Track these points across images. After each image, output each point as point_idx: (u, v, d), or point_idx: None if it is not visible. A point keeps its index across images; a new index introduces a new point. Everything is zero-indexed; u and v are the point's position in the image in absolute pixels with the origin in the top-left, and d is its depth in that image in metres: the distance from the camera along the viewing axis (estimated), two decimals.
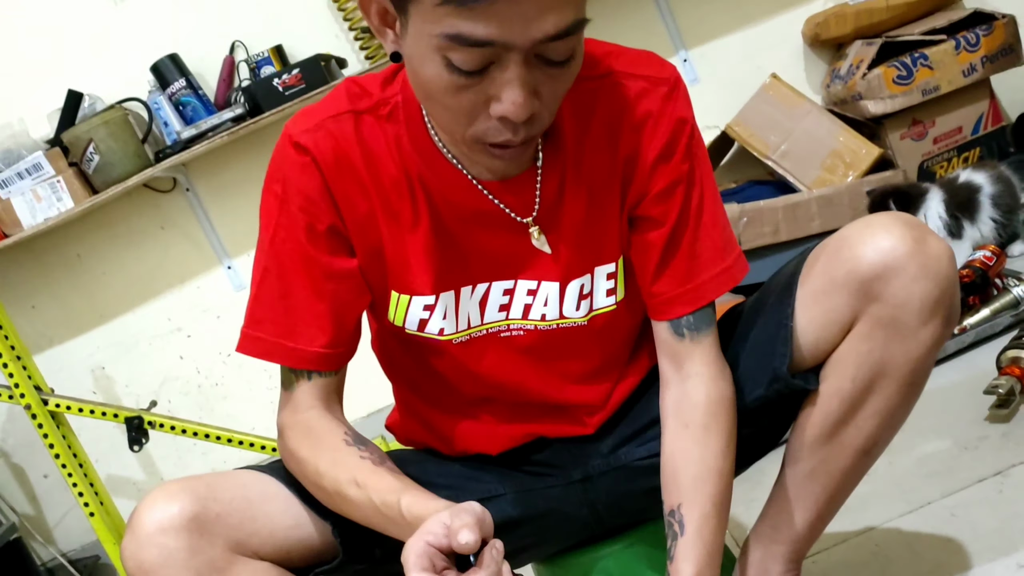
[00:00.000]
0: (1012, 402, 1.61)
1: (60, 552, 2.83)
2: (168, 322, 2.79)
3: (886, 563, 1.42)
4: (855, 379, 1.13)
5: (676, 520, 1.11)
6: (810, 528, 1.24)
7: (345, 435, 1.09)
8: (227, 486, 1.08)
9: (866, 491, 1.58)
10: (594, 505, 1.29)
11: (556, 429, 1.25)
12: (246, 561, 1.06)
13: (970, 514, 1.43)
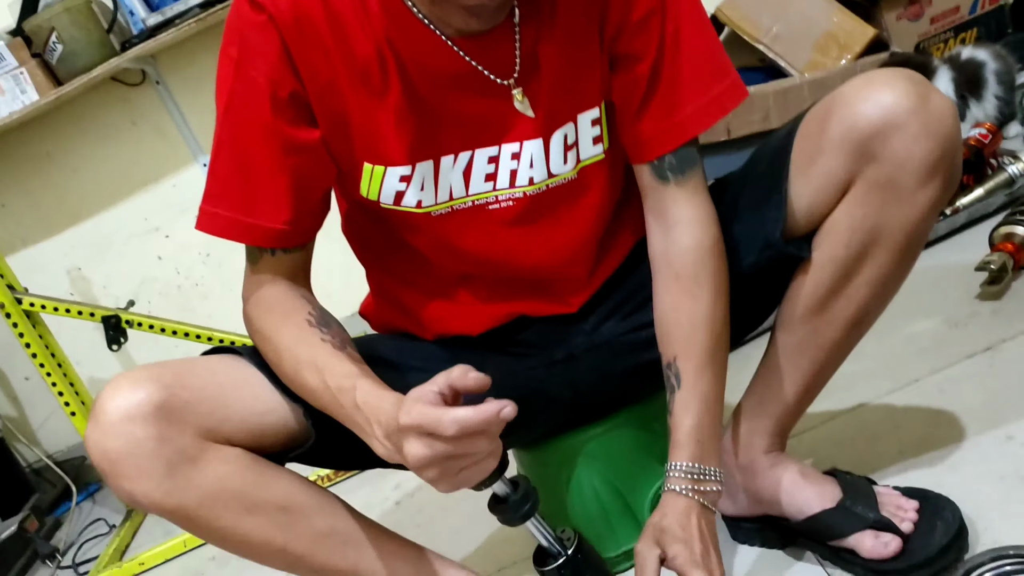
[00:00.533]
0: (1004, 278, 1.57)
1: (46, 454, 2.82)
2: (144, 221, 2.72)
3: (872, 439, 1.39)
4: (848, 246, 1.08)
5: (672, 373, 1.09)
6: (796, 402, 1.21)
7: (309, 314, 1.05)
8: (195, 373, 1.05)
9: (853, 370, 1.56)
10: (576, 386, 1.25)
11: (538, 308, 1.21)
12: (218, 448, 1.03)
13: (959, 389, 1.40)
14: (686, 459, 1.07)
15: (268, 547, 1.06)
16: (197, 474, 1.00)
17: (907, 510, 1.15)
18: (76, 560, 2.34)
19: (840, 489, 1.19)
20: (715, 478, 1.08)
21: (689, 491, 1.06)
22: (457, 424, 0.82)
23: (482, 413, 0.82)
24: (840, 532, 1.16)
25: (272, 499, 1.05)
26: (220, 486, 1.02)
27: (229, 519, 1.03)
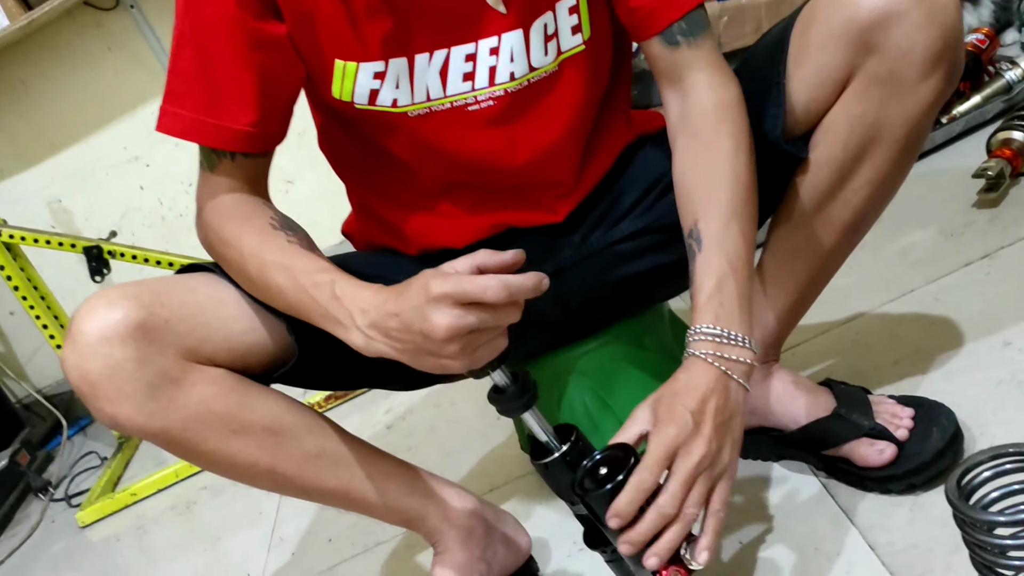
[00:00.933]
0: (1001, 185, 1.54)
1: (35, 388, 2.80)
2: (124, 151, 2.66)
3: (866, 350, 1.37)
4: (847, 145, 1.05)
5: (694, 240, 0.98)
6: (791, 312, 1.19)
7: (272, 218, 1.02)
8: (174, 291, 1.01)
9: (847, 283, 1.54)
10: (566, 302, 1.22)
11: (525, 218, 1.17)
12: (201, 368, 1.00)
13: (955, 298, 1.38)
14: (708, 322, 0.93)
15: (255, 469, 1.04)
16: (180, 396, 0.98)
17: (902, 417, 1.13)
18: (68, 492, 2.33)
19: (834, 398, 1.18)
20: (745, 345, 0.93)
21: (711, 356, 0.92)
22: (507, 288, 0.82)
23: (530, 278, 0.84)
24: (835, 441, 1.14)
25: (259, 420, 1.03)
26: (205, 408, 0.99)
27: (215, 442, 1.00)
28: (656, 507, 0.87)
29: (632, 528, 0.88)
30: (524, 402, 0.92)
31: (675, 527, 0.88)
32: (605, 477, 0.91)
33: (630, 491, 0.87)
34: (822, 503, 1.14)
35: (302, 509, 1.73)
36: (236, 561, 1.68)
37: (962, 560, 0.97)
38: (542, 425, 0.95)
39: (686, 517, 0.88)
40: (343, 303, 0.90)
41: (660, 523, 0.87)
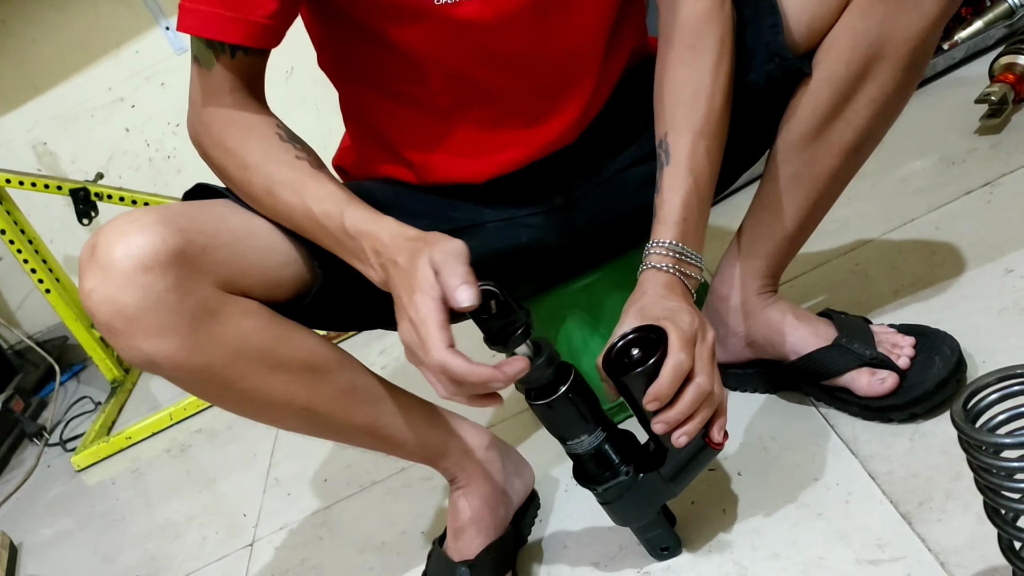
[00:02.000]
0: (1004, 111, 1.51)
1: (26, 335, 2.78)
2: (108, 92, 2.61)
3: (866, 280, 1.35)
4: (849, 63, 1.01)
5: (663, 150, 1.01)
6: (790, 240, 1.17)
7: (278, 128, 0.97)
8: (206, 218, 0.96)
9: (847, 213, 1.52)
10: (575, 234, 1.19)
11: (540, 140, 1.11)
12: (238, 300, 0.95)
13: (956, 226, 1.36)
14: (670, 237, 0.98)
15: (291, 407, 1.01)
16: (220, 329, 0.93)
17: (903, 346, 1.12)
18: (63, 437, 2.33)
19: (834, 328, 1.16)
20: (696, 262, 0.99)
21: (672, 269, 0.97)
22: (442, 370, 0.82)
23: (470, 375, 0.82)
24: (835, 370, 1.13)
25: (296, 355, 0.99)
26: (245, 342, 0.95)
27: (254, 377, 0.96)
28: (696, 386, 0.89)
29: (670, 408, 0.89)
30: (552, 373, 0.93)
31: (706, 406, 0.91)
32: (641, 357, 0.91)
33: (670, 373, 0.87)
34: (822, 434, 1.13)
35: (297, 451, 1.73)
36: (232, 502, 1.68)
37: (962, 488, 0.96)
38: None
39: (716, 397, 0.91)
40: (356, 239, 0.88)
41: (699, 402, 0.89)
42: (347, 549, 1.37)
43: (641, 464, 0.99)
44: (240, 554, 1.50)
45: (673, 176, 0.99)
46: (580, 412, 0.96)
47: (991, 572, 0.87)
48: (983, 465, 0.72)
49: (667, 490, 0.99)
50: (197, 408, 2.08)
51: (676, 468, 0.98)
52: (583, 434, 0.97)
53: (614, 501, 1.00)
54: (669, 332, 0.89)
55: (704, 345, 0.91)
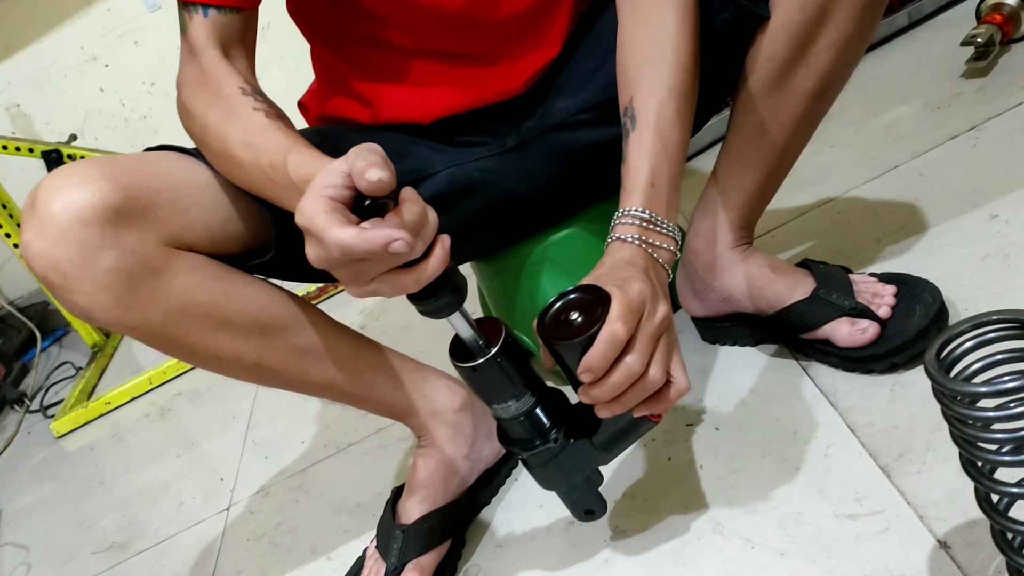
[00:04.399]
0: (990, 53, 1.47)
1: (7, 300, 2.75)
2: (81, 51, 2.55)
3: (848, 229, 1.32)
4: (804, 6, 0.97)
5: (628, 117, 0.92)
6: (761, 189, 1.13)
7: (244, 83, 0.93)
8: (151, 173, 0.93)
9: (828, 162, 1.48)
10: (532, 179, 1.16)
11: (489, 90, 1.09)
12: (183, 256, 0.93)
13: (940, 172, 1.32)
14: (636, 204, 0.88)
15: (240, 363, 0.99)
16: (163, 287, 0.91)
17: (884, 295, 1.09)
18: (44, 403, 2.30)
19: (813, 279, 1.13)
20: (669, 232, 0.89)
21: (637, 239, 0.87)
22: (339, 248, 0.69)
23: (366, 242, 0.69)
24: (814, 322, 1.10)
25: (245, 312, 0.97)
26: (189, 299, 0.93)
27: (198, 335, 0.95)
28: (624, 366, 0.80)
29: (597, 385, 0.81)
30: (453, 301, 0.80)
31: (637, 388, 0.81)
32: (580, 326, 0.81)
33: (603, 345, 0.78)
34: (800, 386, 1.10)
35: (275, 413, 1.70)
36: (210, 465, 1.66)
37: (942, 439, 0.94)
38: (470, 323, 0.84)
39: (651, 380, 0.81)
40: (298, 188, 0.80)
41: (626, 382, 0.80)
42: (323, 511, 1.35)
43: (572, 428, 0.92)
44: (216, 518, 1.48)
45: (640, 141, 0.90)
46: (509, 377, 0.87)
47: (970, 525, 0.85)
48: (958, 416, 0.69)
49: (597, 458, 0.93)
50: (177, 371, 2.05)
51: (609, 437, 0.92)
52: (510, 399, 0.88)
53: (540, 466, 0.93)
54: (613, 299, 0.80)
55: (650, 321, 0.81)
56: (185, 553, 1.43)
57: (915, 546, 0.86)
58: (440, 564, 1.10)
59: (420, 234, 0.72)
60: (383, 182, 0.69)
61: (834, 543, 0.90)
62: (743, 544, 0.95)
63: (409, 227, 0.71)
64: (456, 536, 1.13)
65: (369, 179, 0.69)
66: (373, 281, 0.74)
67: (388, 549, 1.09)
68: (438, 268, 0.74)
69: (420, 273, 0.74)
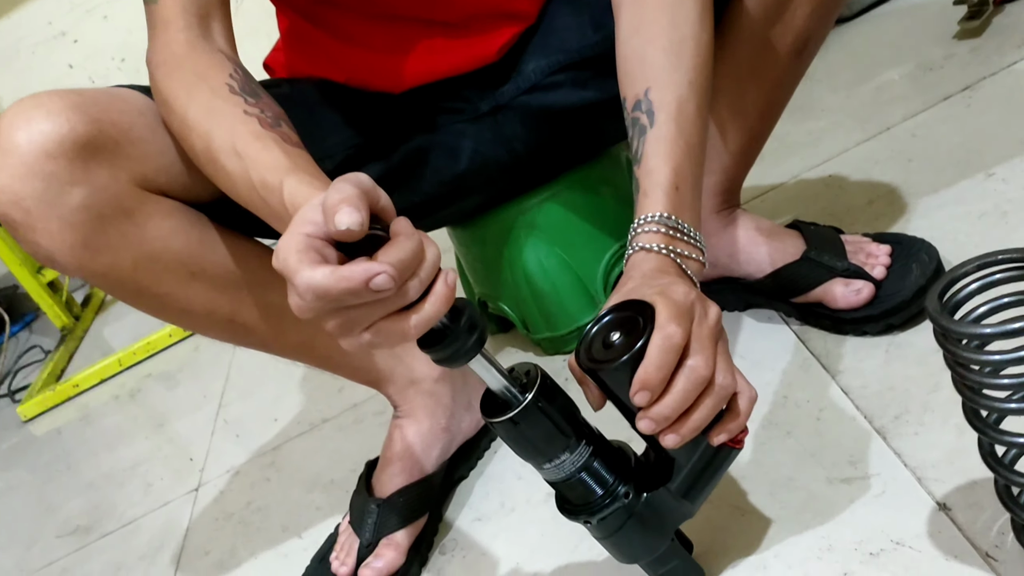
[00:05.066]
0: (984, 12, 1.42)
1: None
2: (49, 26, 2.48)
3: (839, 191, 1.28)
4: None
5: (643, 111, 0.81)
6: (744, 152, 1.09)
7: (231, 76, 0.82)
8: (122, 108, 0.85)
9: (819, 126, 1.44)
10: (511, 143, 1.11)
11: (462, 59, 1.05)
12: (157, 199, 0.87)
13: (934, 133, 1.28)
14: (660, 209, 0.77)
15: (212, 318, 0.93)
16: (134, 230, 0.85)
17: (878, 255, 1.04)
18: (12, 388, 2.24)
19: (803, 240, 1.08)
20: (696, 242, 0.78)
21: (663, 249, 0.76)
22: (311, 291, 0.59)
23: (342, 281, 0.59)
24: (806, 285, 1.05)
25: (221, 263, 0.91)
26: (162, 246, 0.87)
27: (170, 284, 0.89)
28: (688, 370, 0.68)
29: (659, 402, 0.68)
30: (468, 348, 0.67)
31: (706, 399, 0.70)
32: (624, 344, 0.70)
33: (657, 353, 0.67)
34: (792, 350, 1.05)
35: (248, 392, 1.64)
36: (180, 446, 1.60)
37: (941, 399, 0.89)
38: (495, 372, 0.71)
39: (721, 387, 0.70)
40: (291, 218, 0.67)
41: (693, 390, 0.69)
42: (294, 489, 1.30)
43: (643, 481, 0.77)
44: (185, 499, 1.42)
45: (660, 139, 0.79)
46: (555, 424, 0.73)
47: (971, 486, 0.80)
48: (964, 361, 0.64)
49: (681, 509, 0.78)
50: (147, 353, 1.99)
51: (689, 479, 0.76)
52: (563, 452, 0.73)
53: (615, 533, 0.77)
54: (657, 306, 0.69)
55: (704, 323, 0.71)
56: (151, 534, 1.38)
57: (913, 509, 0.81)
58: (416, 540, 1.04)
59: (417, 271, 0.62)
60: (352, 231, 0.59)
61: (828, 508, 0.85)
62: (732, 512, 0.90)
63: (399, 264, 0.60)
64: (433, 511, 1.08)
65: (338, 226, 0.59)
66: (367, 331, 0.63)
67: (362, 524, 1.03)
68: (439, 309, 0.63)
69: (419, 317, 0.63)
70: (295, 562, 1.15)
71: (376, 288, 0.59)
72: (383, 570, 1.00)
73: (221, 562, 1.23)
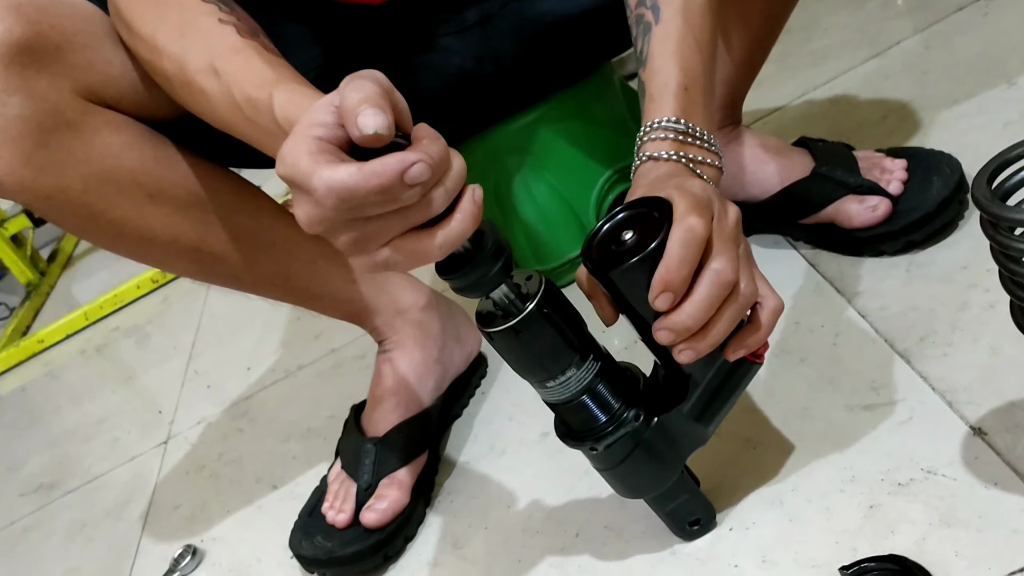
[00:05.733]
0: None
1: None
2: None
3: (848, 109, 1.19)
4: None
5: (648, 7, 0.74)
6: (747, 61, 1.01)
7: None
8: (64, 12, 0.78)
9: (824, 44, 1.35)
10: (498, 59, 1.02)
11: None
12: (104, 111, 0.79)
13: (949, 44, 1.19)
14: (668, 114, 0.70)
15: (176, 246, 0.85)
16: (80, 145, 0.77)
17: (894, 170, 0.96)
18: None
19: (812, 157, 1.00)
20: (711, 146, 0.70)
21: (675, 155, 0.69)
22: (333, 193, 0.52)
23: (372, 177, 0.52)
24: (817, 203, 0.97)
25: (182, 183, 0.84)
26: (113, 163, 0.79)
27: (126, 207, 0.81)
28: (711, 273, 0.60)
29: (680, 308, 0.61)
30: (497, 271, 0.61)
31: (729, 307, 0.62)
32: (640, 242, 0.62)
33: (679, 247, 0.59)
34: (803, 275, 0.97)
35: (220, 341, 1.56)
36: (148, 399, 1.51)
37: (969, 318, 0.81)
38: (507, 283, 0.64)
39: (744, 294, 0.63)
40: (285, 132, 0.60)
41: (718, 296, 0.61)
42: (269, 439, 1.22)
43: (653, 404, 0.70)
44: (153, 453, 1.34)
45: (668, 35, 0.72)
46: (562, 333, 0.65)
47: (1009, 408, 0.73)
48: (1017, 254, 0.56)
49: (694, 434, 0.70)
50: (115, 306, 1.90)
51: (704, 399, 0.69)
52: (568, 368, 0.66)
53: (622, 463, 0.70)
54: (674, 199, 0.62)
55: (724, 221, 0.63)
56: (118, 490, 1.30)
57: (945, 435, 0.74)
58: (418, 479, 0.96)
59: (443, 180, 0.55)
60: (380, 135, 0.52)
61: (849, 437, 0.78)
62: (743, 444, 0.83)
63: (435, 160, 0.53)
64: (432, 449, 1.00)
65: (363, 130, 0.52)
66: (386, 247, 0.56)
67: (358, 466, 0.95)
68: (468, 226, 0.56)
69: (445, 233, 0.56)
70: (271, 514, 1.07)
71: (412, 180, 0.52)
72: (388, 511, 0.91)
73: (191, 516, 1.15)
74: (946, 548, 0.66)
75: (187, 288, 1.81)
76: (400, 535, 0.92)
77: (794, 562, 0.71)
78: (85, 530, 1.25)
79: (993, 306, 0.82)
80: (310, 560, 0.92)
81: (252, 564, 1.02)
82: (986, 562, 0.64)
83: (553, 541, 0.84)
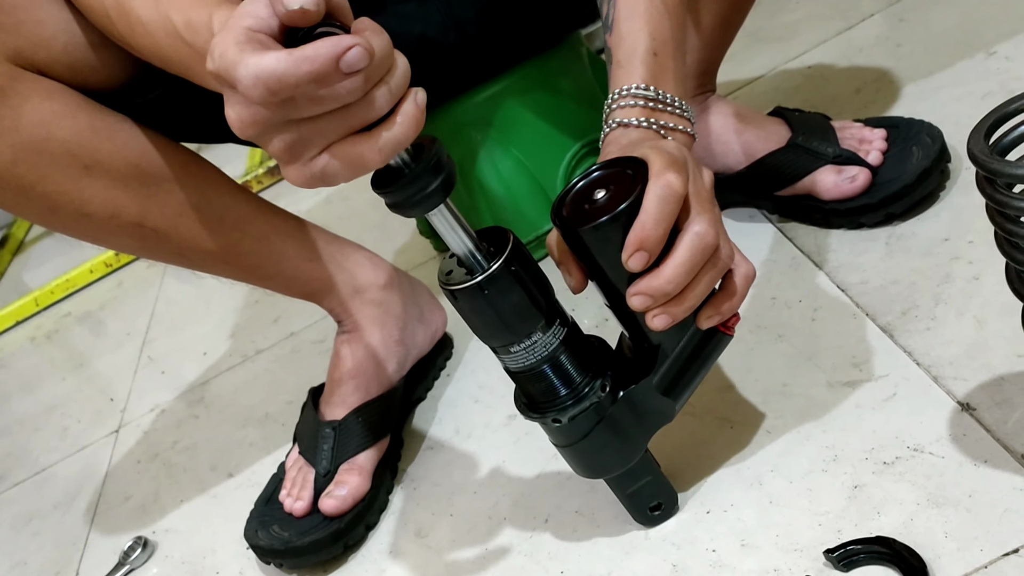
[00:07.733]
0: None
1: None
2: None
3: (822, 81, 1.16)
4: None
5: None
6: (722, 26, 0.97)
7: None
8: None
9: (795, 19, 1.33)
10: (461, 26, 0.98)
11: None
12: (35, 77, 0.74)
13: (925, 15, 1.16)
14: (636, 80, 0.67)
15: (116, 221, 0.81)
16: (8, 114, 0.73)
17: (873, 140, 0.93)
18: None
19: (788, 127, 0.96)
20: (682, 111, 0.67)
21: (645, 122, 0.66)
22: (260, 83, 0.47)
23: (303, 61, 0.46)
24: (793, 174, 0.93)
25: (120, 154, 0.79)
26: (45, 133, 0.74)
27: (60, 180, 0.76)
28: (694, 235, 0.58)
29: (657, 271, 0.58)
30: (428, 194, 0.55)
31: (707, 271, 0.60)
32: (613, 198, 0.59)
33: (657, 202, 0.56)
34: (777, 248, 0.94)
35: (175, 326, 1.50)
36: (99, 386, 1.45)
37: (953, 291, 0.78)
38: (463, 227, 0.59)
39: (722, 258, 0.60)
40: None
41: (699, 259, 0.58)
42: (225, 425, 1.17)
43: (619, 374, 0.66)
44: (104, 442, 1.28)
45: (634, 2, 0.69)
46: (529, 293, 0.61)
47: (998, 382, 0.70)
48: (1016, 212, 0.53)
49: (662, 408, 0.67)
50: (66, 291, 1.83)
51: (673, 370, 0.66)
52: (535, 331, 0.62)
53: (584, 437, 0.66)
54: (650, 159, 0.59)
55: (700, 181, 0.61)
56: (67, 481, 1.24)
57: (931, 411, 0.71)
58: (379, 464, 0.91)
59: (384, 79, 0.50)
60: (306, 11, 0.47)
61: (830, 415, 0.75)
62: (719, 424, 0.79)
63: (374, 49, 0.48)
64: (395, 433, 0.95)
65: (288, 5, 0.47)
66: (323, 154, 0.51)
67: (316, 451, 0.90)
68: (409, 130, 0.51)
69: (387, 136, 0.51)
70: (226, 503, 1.02)
71: (348, 67, 0.47)
72: (347, 498, 0.87)
73: (143, 507, 1.10)
74: (935, 529, 0.63)
75: (142, 272, 1.75)
76: (361, 523, 0.87)
77: (775, 546, 0.67)
78: (32, 523, 1.19)
79: (977, 278, 0.79)
80: (266, 550, 0.87)
81: (206, 555, 0.97)
82: (977, 543, 0.61)
83: (522, 528, 0.80)
